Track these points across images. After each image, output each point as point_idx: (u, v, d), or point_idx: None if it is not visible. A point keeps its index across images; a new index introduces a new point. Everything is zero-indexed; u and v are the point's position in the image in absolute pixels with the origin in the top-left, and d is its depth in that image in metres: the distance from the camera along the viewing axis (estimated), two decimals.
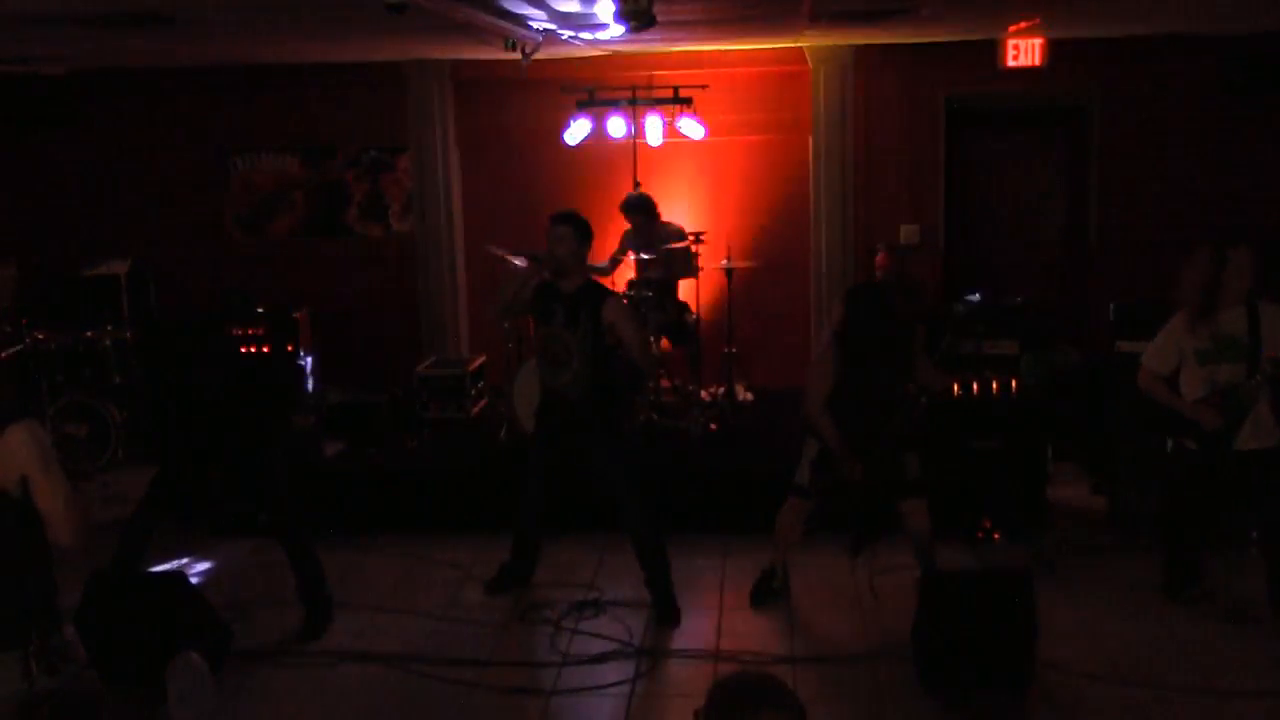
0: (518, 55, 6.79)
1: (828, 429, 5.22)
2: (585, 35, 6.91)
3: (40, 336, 7.92)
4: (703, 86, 8.27)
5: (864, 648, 5.17)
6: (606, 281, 7.68)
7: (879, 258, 8.53)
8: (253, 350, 8.00)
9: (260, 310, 8.06)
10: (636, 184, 8.19)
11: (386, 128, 8.99)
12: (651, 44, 7.74)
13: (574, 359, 5.41)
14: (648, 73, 8.50)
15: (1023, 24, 7.12)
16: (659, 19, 5.13)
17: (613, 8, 5.08)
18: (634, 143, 8.32)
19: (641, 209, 7.86)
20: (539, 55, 7.06)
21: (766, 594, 5.69)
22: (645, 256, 7.59)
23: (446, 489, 6.91)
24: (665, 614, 5.54)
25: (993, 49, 7.67)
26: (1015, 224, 8.91)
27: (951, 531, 6.15)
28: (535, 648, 5.33)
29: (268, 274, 8.94)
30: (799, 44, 8.32)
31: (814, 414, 5.25)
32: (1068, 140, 8.80)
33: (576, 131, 8.24)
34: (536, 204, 8.59)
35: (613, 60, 8.36)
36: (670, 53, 8.44)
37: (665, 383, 7.78)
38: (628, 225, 7.99)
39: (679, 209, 8.34)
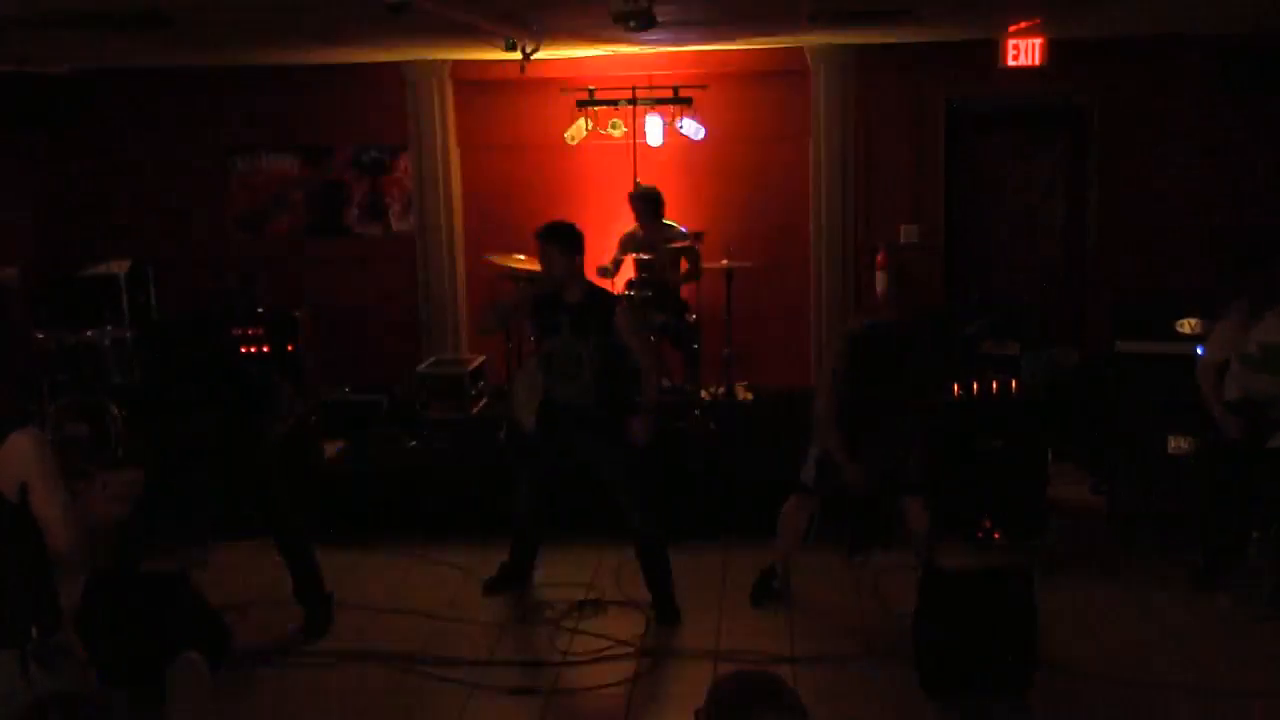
0: (518, 55, 6.79)
1: (833, 438, 5.22)
2: (585, 36, 6.91)
3: (40, 336, 7.92)
4: (703, 86, 8.27)
5: (864, 648, 5.17)
6: (607, 283, 7.69)
7: (879, 258, 8.55)
8: (252, 351, 8.00)
9: (260, 310, 8.06)
10: (637, 183, 8.19)
11: (386, 128, 8.98)
12: (651, 44, 7.73)
13: (584, 370, 5.37)
14: (648, 73, 8.49)
15: (1023, 24, 7.12)
16: (659, 19, 5.13)
17: (612, 9, 5.07)
18: (634, 143, 8.32)
19: (647, 202, 7.83)
20: (539, 55, 7.05)
21: (766, 594, 5.69)
22: (645, 257, 7.58)
23: (446, 489, 6.91)
24: (665, 614, 5.53)
25: (993, 49, 7.66)
26: (1015, 224, 8.91)
27: (951, 531, 6.15)
28: (535, 648, 5.34)
29: (268, 274, 8.93)
30: (799, 44, 8.32)
31: (822, 421, 5.26)
32: (1068, 140, 8.79)
33: (576, 131, 8.24)
34: (536, 204, 8.60)
35: (613, 60, 8.35)
36: (670, 53, 8.43)
37: (665, 383, 7.78)
38: (629, 224, 7.97)
39: (679, 209, 8.33)
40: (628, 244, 7.88)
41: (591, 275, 6.15)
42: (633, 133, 8.27)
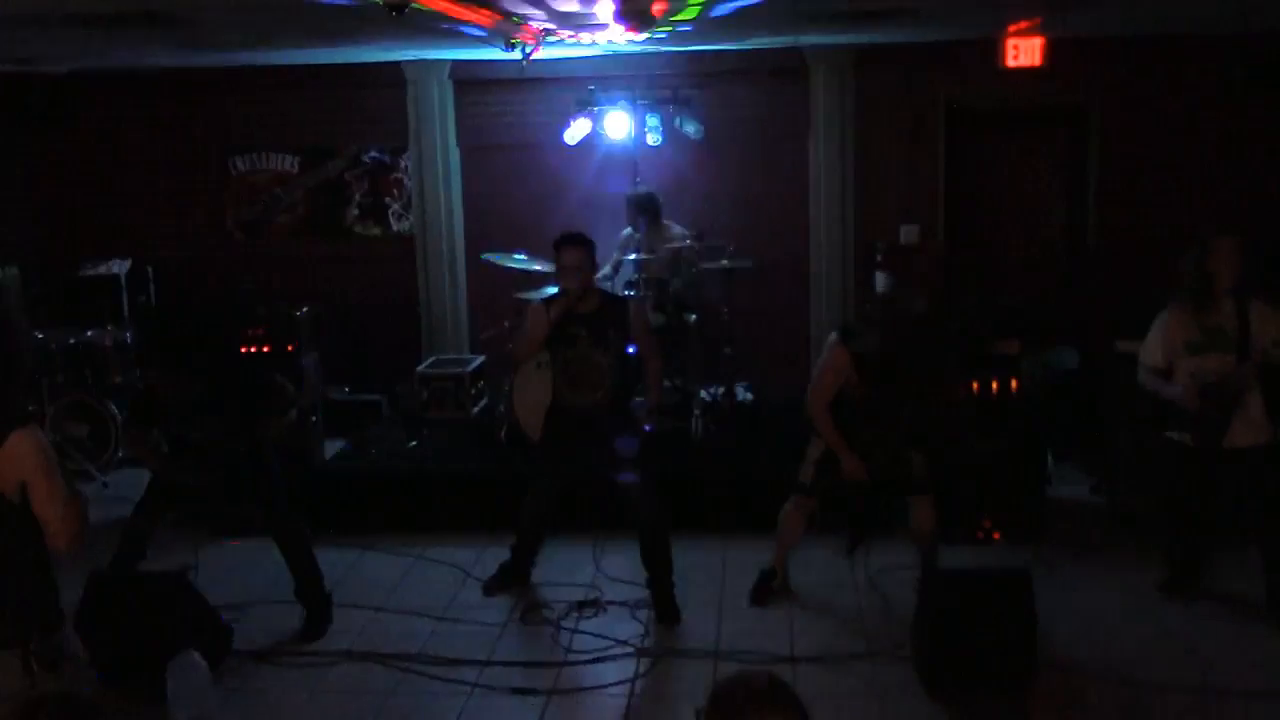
0: (518, 55, 6.79)
1: (827, 429, 5.24)
2: (585, 36, 6.90)
3: (40, 336, 7.92)
4: (702, 86, 8.26)
5: (864, 648, 5.17)
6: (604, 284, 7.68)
7: (879, 258, 8.54)
8: (253, 351, 7.98)
9: (260, 310, 8.05)
10: (637, 182, 8.18)
11: (386, 128, 8.97)
12: (651, 44, 7.72)
13: (606, 379, 5.37)
14: (648, 73, 8.49)
15: (1023, 23, 7.12)
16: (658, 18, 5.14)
17: (613, 7, 5.08)
18: (634, 143, 8.31)
19: (642, 206, 7.80)
20: (539, 55, 7.05)
21: (766, 594, 5.69)
22: (645, 258, 7.57)
23: (446, 489, 6.91)
24: (665, 614, 5.54)
25: (993, 49, 7.66)
26: (1015, 224, 8.90)
27: (951, 531, 6.16)
28: (535, 648, 5.34)
29: (268, 274, 8.93)
30: (798, 44, 8.31)
31: (816, 413, 5.27)
32: (1068, 140, 8.79)
33: (576, 131, 8.23)
34: (536, 204, 8.61)
35: (613, 60, 8.35)
36: (670, 53, 8.43)
37: (666, 382, 7.77)
38: (628, 225, 7.96)
39: (679, 209, 8.32)
40: (627, 245, 7.87)
41: None
42: (632, 133, 8.27)
